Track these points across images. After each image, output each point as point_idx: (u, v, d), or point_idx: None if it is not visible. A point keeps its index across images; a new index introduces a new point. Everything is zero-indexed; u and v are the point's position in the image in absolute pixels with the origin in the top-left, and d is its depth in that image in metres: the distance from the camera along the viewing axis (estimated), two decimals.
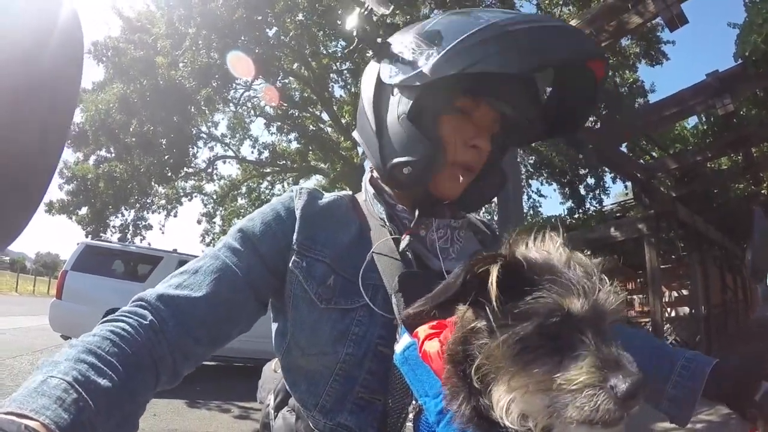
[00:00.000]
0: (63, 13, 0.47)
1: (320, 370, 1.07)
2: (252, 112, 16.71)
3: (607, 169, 13.94)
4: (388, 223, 1.16)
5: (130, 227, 17.33)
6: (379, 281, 1.08)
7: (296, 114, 15.06)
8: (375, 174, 1.26)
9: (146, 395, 0.88)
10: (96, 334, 0.87)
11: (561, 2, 12.46)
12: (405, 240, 1.11)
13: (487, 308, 0.71)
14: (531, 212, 17.81)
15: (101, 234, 15.52)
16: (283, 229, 1.13)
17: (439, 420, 0.80)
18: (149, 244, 17.22)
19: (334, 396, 1.06)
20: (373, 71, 1.20)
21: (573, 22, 6.03)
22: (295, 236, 1.12)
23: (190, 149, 15.18)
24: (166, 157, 13.30)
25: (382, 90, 1.17)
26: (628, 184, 13.27)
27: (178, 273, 1.06)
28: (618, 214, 15.30)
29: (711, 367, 1.07)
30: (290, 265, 1.10)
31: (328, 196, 1.23)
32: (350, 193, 1.28)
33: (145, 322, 0.93)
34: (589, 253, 0.82)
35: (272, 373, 1.44)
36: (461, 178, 1.16)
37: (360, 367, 1.04)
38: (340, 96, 15.01)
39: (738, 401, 1.00)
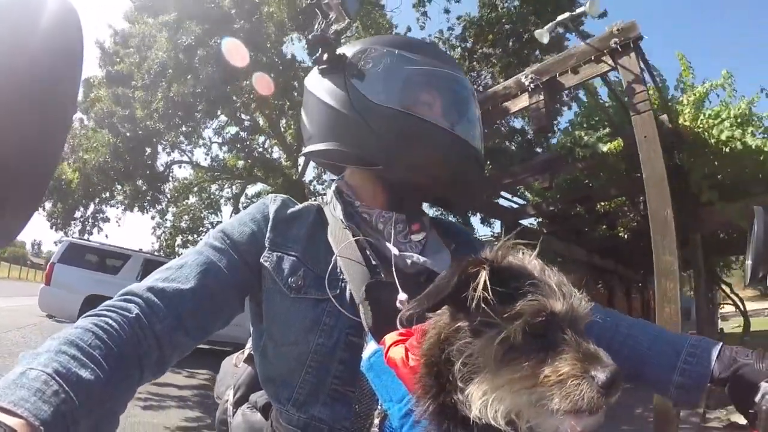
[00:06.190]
0: (59, 11, 0.46)
1: (293, 362, 1.06)
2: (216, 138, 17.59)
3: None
4: (346, 222, 1.20)
5: (89, 220, 17.50)
6: (345, 279, 1.09)
7: (245, 136, 16.35)
8: (348, 179, 1.31)
9: (129, 391, 0.84)
10: (78, 327, 0.82)
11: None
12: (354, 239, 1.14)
13: (471, 309, 0.73)
14: None
15: (67, 228, 16.37)
16: (259, 230, 1.15)
17: (402, 424, 0.80)
18: (106, 236, 18.42)
19: (307, 388, 1.04)
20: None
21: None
22: (267, 235, 1.14)
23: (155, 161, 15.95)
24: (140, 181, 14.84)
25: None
26: (497, 223, 14.27)
27: (164, 269, 1.04)
28: None
29: (717, 351, 1.04)
30: (261, 259, 1.12)
31: (299, 205, 1.25)
32: (317, 203, 1.29)
33: (131, 316, 0.89)
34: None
35: (232, 368, 1.46)
36: None
37: (332, 357, 1.03)
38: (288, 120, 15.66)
39: (739, 397, 0.97)
